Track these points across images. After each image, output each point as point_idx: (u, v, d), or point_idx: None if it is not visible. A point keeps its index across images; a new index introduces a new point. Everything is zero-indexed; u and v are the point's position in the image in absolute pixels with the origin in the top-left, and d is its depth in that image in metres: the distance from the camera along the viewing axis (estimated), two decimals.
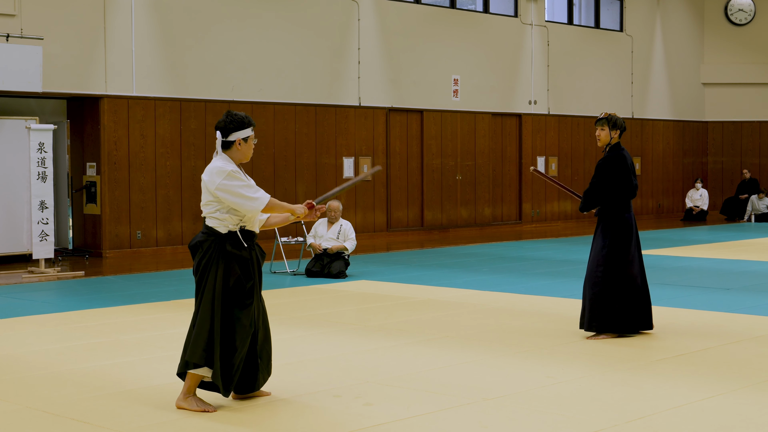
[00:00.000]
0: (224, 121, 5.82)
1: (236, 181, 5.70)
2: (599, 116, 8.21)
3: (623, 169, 8.04)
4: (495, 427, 5.47)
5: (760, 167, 25.93)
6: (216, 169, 5.74)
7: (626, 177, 8.05)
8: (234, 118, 5.82)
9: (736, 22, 25.97)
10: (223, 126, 5.80)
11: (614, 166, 8.03)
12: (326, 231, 12.73)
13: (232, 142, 5.81)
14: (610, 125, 8.13)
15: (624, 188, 8.05)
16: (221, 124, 5.81)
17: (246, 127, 5.83)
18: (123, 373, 6.82)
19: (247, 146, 5.85)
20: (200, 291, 5.79)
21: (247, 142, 5.85)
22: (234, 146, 5.82)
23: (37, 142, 13.13)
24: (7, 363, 7.24)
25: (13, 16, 14.23)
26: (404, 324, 8.87)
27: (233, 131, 5.81)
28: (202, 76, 16.28)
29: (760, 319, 9.07)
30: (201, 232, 5.88)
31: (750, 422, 5.56)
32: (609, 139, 8.15)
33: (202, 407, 5.74)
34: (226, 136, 5.80)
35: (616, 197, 8.05)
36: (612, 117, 8.15)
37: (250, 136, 5.85)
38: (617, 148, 8.12)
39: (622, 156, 8.07)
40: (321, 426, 5.49)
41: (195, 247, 5.85)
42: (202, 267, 5.78)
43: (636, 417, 5.63)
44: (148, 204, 15.74)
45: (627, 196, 8.08)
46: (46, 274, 12.84)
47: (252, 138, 5.88)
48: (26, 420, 5.67)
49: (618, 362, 7.14)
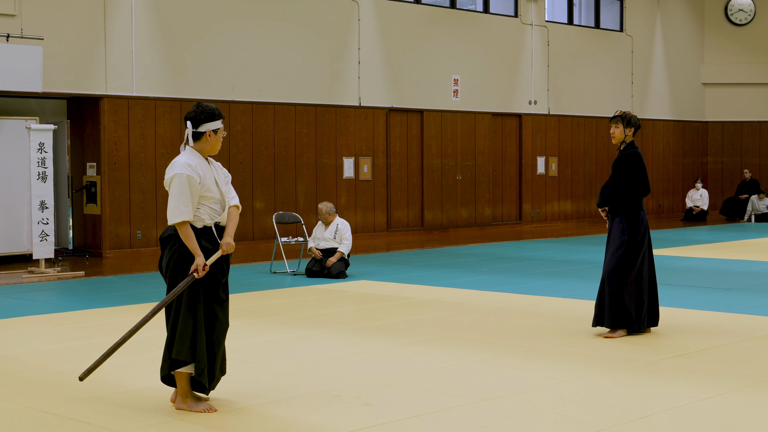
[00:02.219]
0: (195, 111, 5.78)
1: (178, 186, 5.65)
2: (614, 114, 8.27)
3: (640, 167, 8.17)
4: (495, 427, 5.47)
5: (760, 167, 25.93)
6: (173, 165, 5.73)
7: (643, 175, 8.18)
8: (205, 109, 5.79)
9: (736, 22, 25.96)
10: (194, 116, 5.77)
11: (632, 163, 8.15)
12: (324, 232, 12.73)
13: (202, 133, 5.78)
14: (625, 123, 8.19)
15: (640, 186, 8.16)
16: (192, 114, 5.77)
17: (217, 119, 5.81)
18: (123, 373, 6.81)
19: (217, 138, 5.82)
20: (172, 288, 5.73)
21: (217, 134, 5.82)
22: (204, 137, 5.79)
23: (37, 142, 13.13)
24: (7, 363, 7.24)
25: (13, 17, 14.23)
26: (404, 324, 8.87)
27: (204, 122, 5.78)
28: (203, 76, 16.27)
29: (761, 319, 9.07)
30: (170, 226, 5.80)
31: (751, 422, 5.55)
32: (623, 137, 8.21)
33: (204, 407, 5.72)
34: (197, 127, 5.77)
35: (632, 195, 8.14)
36: (627, 115, 8.20)
37: (219, 128, 5.82)
38: (632, 146, 8.20)
39: (638, 154, 8.20)
40: (321, 426, 5.49)
41: (167, 239, 5.79)
42: (174, 263, 5.72)
43: (636, 417, 5.62)
44: (148, 204, 15.73)
45: (642, 194, 8.20)
46: (46, 274, 12.84)
47: (222, 131, 5.85)
48: (26, 420, 5.67)
49: (618, 362, 7.14)
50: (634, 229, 8.13)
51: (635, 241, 8.12)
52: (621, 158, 8.19)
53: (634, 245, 8.11)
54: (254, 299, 10.54)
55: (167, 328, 5.78)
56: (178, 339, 5.67)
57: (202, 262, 5.63)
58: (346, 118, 18.30)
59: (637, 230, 8.14)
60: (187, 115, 5.81)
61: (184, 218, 5.64)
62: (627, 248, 8.10)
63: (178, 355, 5.66)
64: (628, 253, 8.11)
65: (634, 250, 8.11)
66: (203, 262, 5.64)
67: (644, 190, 8.19)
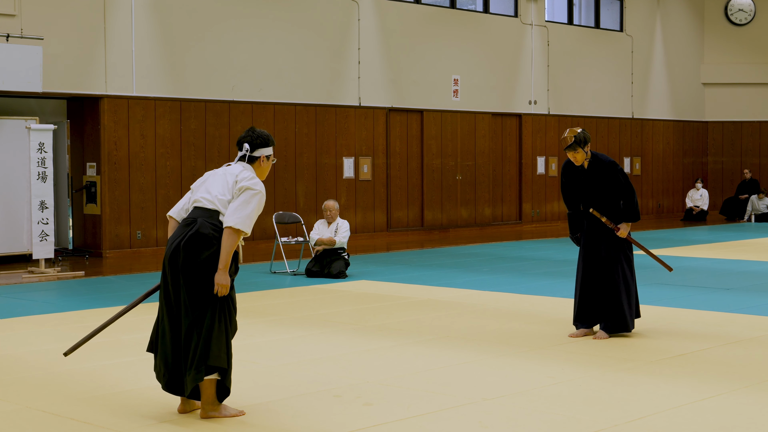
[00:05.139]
0: (251, 136, 5.76)
1: (258, 203, 5.57)
2: (567, 144, 7.97)
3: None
4: (495, 427, 5.47)
5: (760, 167, 25.93)
6: (258, 182, 5.62)
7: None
8: (261, 135, 5.77)
9: (736, 22, 25.96)
10: (250, 141, 5.74)
11: (621, 169, 8.19)
12: (325, 229, 12.74)
13: (256, 157, 5.76)
14: (582, 145, 8.08)
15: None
16: (248, 138, 5.75)
17: (270, 145, 5.81)
18: (123, 373, 6.81)
19: (268, 164, 5.82)
20: (210, 293, 5.50)
21: (269, 161, 5.81)
22: (257, 162, 5.77)
23: (37, 142, 13.13)
24: (7, 363, 7.24)
25: (13, 16, 14.23)
26: (404, 324, 8.87)
27: (259, 147, 5.76)
28: (202, 76, 16.27)
29: (761, 319, 9.07)
30: (209, 224, 5.53)
31: (751, 422, 5.55)
32: (585, 155, 8.15)
33: (235, 412, 5.65)
34: (253, 151, 5.75)
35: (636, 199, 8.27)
36: (578, 136, 8.00)
37: (271, 155, 5.83)
38: (598, 156, 8.19)
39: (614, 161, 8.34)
40: (321, 426, 5.49)
41: (203, 240, 5.49)
42: (202, 262, 5.47)
43: (636, 417, 5.62)
44: (148, 204, 15.73)
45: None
46: (46, 274, 12.84)
47: (272, 157, 5.85)
48: (26, 420, 5.67)
49: (618, 362, 7.13)
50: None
51: (628, 245, 8.18)
52: (604, 167, 8.12)
53: (629, 250, 8.19)
54: (254, 299, 10.54)
55: (192, 336, 5.49)
56: (215, 345, 5.46)
57: (227, 283, 5.50)
58: (346, 118, 18.30)
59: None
60: (243, 138, 5.76)
61: (247, 230, 5.51)
62: (626, 253, 8.17)
63: (216, 361, 5.45)
64: (626, 258, 8.16)
65: (629, 254, 8.19)
66: (228, 284, 5.51)
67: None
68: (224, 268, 5.46)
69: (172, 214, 5.78)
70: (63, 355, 5.97)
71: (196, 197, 5.68)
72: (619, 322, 8.06)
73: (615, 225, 8.12)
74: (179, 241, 5.54)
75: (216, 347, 5.45)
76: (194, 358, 5.45)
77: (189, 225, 5.58)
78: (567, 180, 8.29)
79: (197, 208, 5.63)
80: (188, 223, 5.60)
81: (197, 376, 5.44)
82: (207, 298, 5.50)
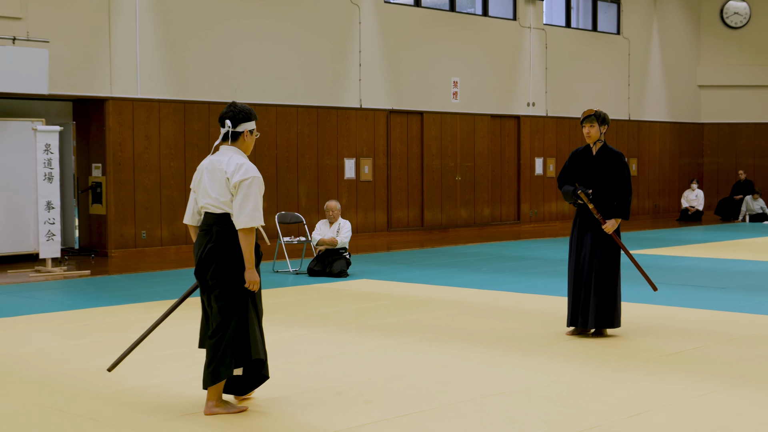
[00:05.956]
0: (232, 111, 5.68)
1: (258, 191, 5.56)
2: (585, 114, 8.07)
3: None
4: (494, 423, 5.47)
5: (754, 168, 25.92)
6: (246, 166, 5.57)
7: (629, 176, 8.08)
8: (242, 109, 5.70)
9: (731, 25, 25.96)
10: (232, 116, 5.67)
11: (625, 165, 8.03)
12: (327, 229, 12.75)
13: (240, 132, 5.70)
14: (600, 121, 8.07)
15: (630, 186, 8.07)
16: (229, 113, 5.67)
17: (253, 119, 5.74)
18: (127, 370, 6.81)
19: (252, 139, 5.76)
20: (236, 292, 5.56)
21: (252, 135, 5.76)
22: (241, 137, 5.71)
23: (43, 144, 13.14)
24: (13, 361, 7.24)
25: (19, 20, 14.23)
26: (404, 323, 8.87)
27: (242, 122, 5.70)
28: (205, 78, 16.28)
29: (756, 317, 9.07)
30: (220, 229, 5.57)
31: (746, 419, 5.55)
32: (599, 135, 8.11)
33: (238, 409, 5.68)
34: (236, 126, 5.69)
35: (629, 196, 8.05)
36: (600, 113, 8.06)
37: (254, 128, 5.77)
38: (607, 145, 8.12)
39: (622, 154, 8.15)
40: (323, 422, 5.49)
41: (212, 255, 5.55)
42: (238, 269, 5.54)
43: (633, 414, 5.62)
44: (153, 204, 15.74)
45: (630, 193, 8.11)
46: (52, 273, 12.84)
47: (256, 131, 5.80)
48: (32, 417, 5.67)
49: (615, 360, 7.14)
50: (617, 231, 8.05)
51: (616, 242, 7.99)
52: (611, 156, 8.02)
53: (616, 246, 8.00)
54: None
55: (224, 333, 5.55)
56: (252, 339, 5.55)
57: (257, 279, 5.54)
58: (347, 119, 18.31)
59: (617, 232, 8.07)
60: (224, 114, 5.69)
61: (258, 223, 5.53)
62: (614, 249, 8.00)
63: (258, 354, 5.56)
64: (616, 254, 8.02)
65: (617, 251, 8.02)
66: (258, 279, 5.55)
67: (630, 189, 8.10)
68: (251, 266, 5.52)
69: (187, 222, 5.86)
70: (107, 370, 5.99)
71: (202, 203, 5.70)
72: (603, 318, 7.90)
73: (603, 218, 7.97)
74: (200, 254, 5.62)
75: (254, 342, 5.55)
76: (213, 357, 5.55)
77: (206, 234, 5.64)
78: (571, 164, 8.21)
79: (207, 214, 5.66)
80: (205, 232, 5.66)
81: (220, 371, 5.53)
82: (230, 303, 5.58)
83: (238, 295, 5.59)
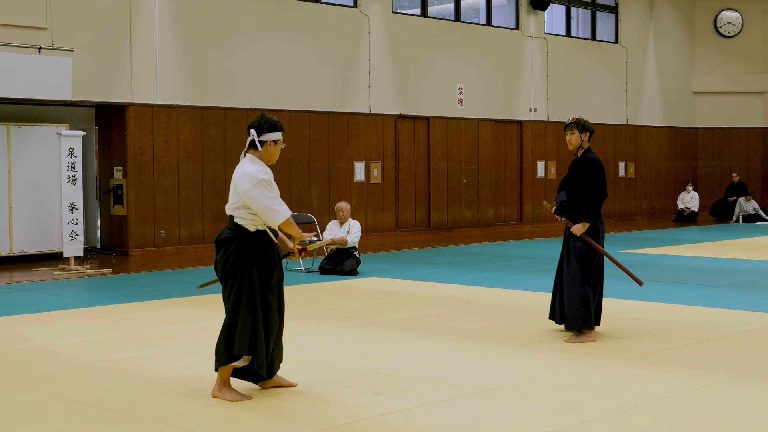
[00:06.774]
0: (259, 121, 5.84)
1: (265, 191, 5.67)
2: (567, 122, 8.01)
3: (601, 172, 7.79)
4: (497, 415, 5.46)
5: (747, 171, 25.86)
6: (248, 175, 5.69)
7: (602, 180, 7.78)
8: (268, 120, 5.85)
9: (724, 35, 25.90)
10: (257, 126, 5.82)
11: (595, 168, 7.77)
12: (338, 230, 12.74)
13: (263, 142, 5.81)
14: (580, 129, 7.96)
15: (601, 191, 7.75)
16: (255, 123, 5.83)
17: (278, 130, 5.85)
18: (147, 364, 6.82)
19: (276, 148, 5.86)
20: (232, 287, 5.71)
21: (277, 145, 5.85)
22: (265, 146, 5.82)
23: (67, 148, 13.16)
24: (39, 355, 7.26)
25: (44, 30, 14.27)
26: (411, 319, 8.86)
27: (266, 132, 5.82)
28: (222, 85, 16.30)
29: (748, 314, 9.04)
30: (228, 228, 5.81)
31: (739, 412, 5.53)
32: (580, 142, 7.99)
33: (237, 397, 5.73)
34: (260, 136, 5.81)
35: (597, 200, 7.75)
36: (580, 121, 7.92)
37: (280, 139, 5.86)
38: (590, 151, 7.92)
39: (598, 160, 7.86)
40: (333, 415, 5.48)
41: (221, 242, 5.79)
42: (231, 264, 5.71)
43: (630, 406, 5.61)
44: (171, 206, 15.76)
45: (602, 198, 7.79)
46: (75, 271, 12.87)
47: (281, 142, 5.89)
48: (56, 409, 5.68)
49: (613, 355, 7.12)
50: (597, 232, 7.77)
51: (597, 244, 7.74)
52: (584, 162, 7.80)
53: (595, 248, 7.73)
54: None
55: (226, 321, 5.76)
56: (240, 334, 5.66)
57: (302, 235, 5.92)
58: (357, 124, 18.30)
59: (599, 233, 7.80)
60: (252, 124, 5.84)
61: (288, 213, 5.76)
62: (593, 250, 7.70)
63: (240, 350, 5.67)
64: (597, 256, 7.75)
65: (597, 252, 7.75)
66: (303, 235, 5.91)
67: (603, 194, 7.76)
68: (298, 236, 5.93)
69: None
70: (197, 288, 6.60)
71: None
72: (569, 320, 7.70)
73: (569, 222, 7.78)
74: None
75: (240, 337, 5.67)
76: (220, 344, 5.74)
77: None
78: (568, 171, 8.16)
79: (228, 215, 5.91)
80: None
81: (219, 359, 5.75)
82: (234, 293, 5.73)
83: (237, 290, 5.70)
